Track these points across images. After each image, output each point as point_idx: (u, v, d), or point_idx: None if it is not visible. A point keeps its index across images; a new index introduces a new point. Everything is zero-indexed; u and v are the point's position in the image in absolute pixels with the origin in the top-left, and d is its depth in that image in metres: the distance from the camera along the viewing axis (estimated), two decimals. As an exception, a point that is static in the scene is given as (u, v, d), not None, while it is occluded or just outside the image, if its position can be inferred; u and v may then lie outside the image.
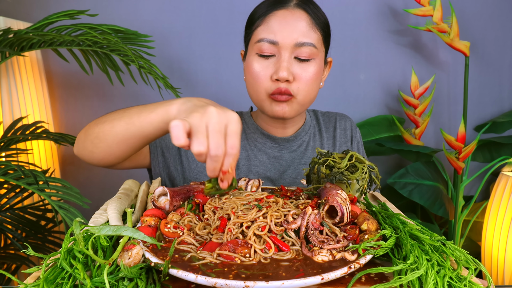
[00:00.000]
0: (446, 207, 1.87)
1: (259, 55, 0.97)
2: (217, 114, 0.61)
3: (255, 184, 0.82)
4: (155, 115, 0.74)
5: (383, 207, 0.75)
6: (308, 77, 0.97)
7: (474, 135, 2.19)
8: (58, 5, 1.96)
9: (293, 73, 0.96)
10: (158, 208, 0.70)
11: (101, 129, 0.82)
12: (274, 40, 0.95)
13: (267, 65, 0.97)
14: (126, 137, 0.79)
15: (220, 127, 0.61)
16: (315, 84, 1.01)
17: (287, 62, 0.95)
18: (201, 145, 0.60)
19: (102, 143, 0.82)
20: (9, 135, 1.58)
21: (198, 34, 2.06)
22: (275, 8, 0.97)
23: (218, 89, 2.11)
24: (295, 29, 0.95)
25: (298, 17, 0.96)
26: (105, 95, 2.07)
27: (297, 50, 0.95)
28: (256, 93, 1.00)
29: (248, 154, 1.11)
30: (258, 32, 0.98)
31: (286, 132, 1.13)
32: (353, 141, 1.20)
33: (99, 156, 0.85)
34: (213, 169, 0.63)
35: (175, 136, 0.59)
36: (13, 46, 1.52)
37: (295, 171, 1.12)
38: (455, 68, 2.15)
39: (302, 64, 0.97)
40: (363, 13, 2.09)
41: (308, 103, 1.03)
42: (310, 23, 0.96)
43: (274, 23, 0.95)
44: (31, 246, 1.53)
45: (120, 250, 0.53)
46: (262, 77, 0.97)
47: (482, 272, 0.65)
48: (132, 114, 0.78)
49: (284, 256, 0.57)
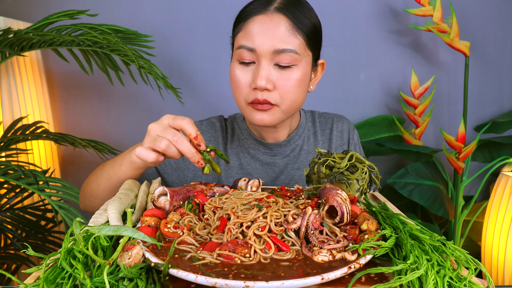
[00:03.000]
0: (446, 207, 1.87)
1: (239, 62, 0.95)
2: (156, 123, 0.78)
3: (255, 184, 0.82)
4: (124, 166, 0.87)
5: (383, 207, 0.75)
6: (290, 85, 0.92)
7: (474, 135, 2.19)
8: (58, 5, 1.96)
9: (273, 81, 0.91)
10: (158, 208, 0.70)
11: (91, 189, 0.96)
12: (251, 47, 0.91)
13: (247, 72, 0.94)
14: (111, 189, 0.91)
15: (171, 128, 0.77)
16: (299, 91, 0.95)
17: (265, 70, 0.90)
18: (162, 143, 0.75)
19: (97, 199, 0.95)
20: (9, 135, 1.58)
21: (198, 34, 2.06)
22: (254, 13, 0.93)
23: (218, 89, 2.11)
24: (273, 36, 0.89)
25: (277, 22, 0.90)
26: (105, 95, 2.07)
27: (277, 57, 0.90)
28: (237, 101, 0.99)
29: (241, 162, 1.10)
30: (238, 38, 0.95)
31: (278, 136, 1.10)
32: (350, 143, 1.17)
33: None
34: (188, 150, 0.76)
35: (144, 158, 0.77)
36: (13, 46, 1.52)
37: (288, 177, 1.10)
38: (455, 68, 2.15)
39: (283, 71, 0.92)
40: (363, 13, 2.09)
41: (294, 110, 0.99)
42: (290, 28, 0.90)
43: (252, 29, 0.91)
44: (31, 246, 1.53)
45: (120, 250, 0.53)
46: (242, 85, 0.94)
47: (482, 272, 0.65)
48: (108, 170, 0.91)
49: (284, 256, 0.57)
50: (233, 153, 1.11)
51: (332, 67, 2.10)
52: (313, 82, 1.03)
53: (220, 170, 0.82)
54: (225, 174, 1.10)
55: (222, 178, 1.10)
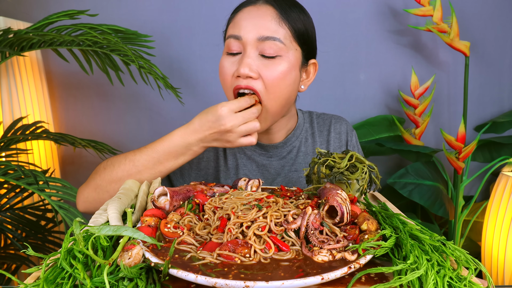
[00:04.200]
0: (446, 207, 1.87)
1: (227, 53, 0.95)
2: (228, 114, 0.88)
3: (255, 184, 0.82)
4: (182, 161, 0.92)
5: (383, 207, 0.75)
6: (274, 75, 0.91)
7: (474, 135, 2.19)
8: (58, 5, 1.96)
9: (257, 69, 0.91)
10: (158, 208, 0.70)
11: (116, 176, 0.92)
12: (238, 35, 0.92)
13: (233, 62, 0.94)
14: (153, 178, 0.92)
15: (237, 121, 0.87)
16: (284, 85, 0.93)
17: (250, 58, 0.90)
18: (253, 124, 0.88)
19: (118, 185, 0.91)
20: (9, 135, 1.58)
21: (198, 34, 2.06)
22: (243, 6, 0.97)
23: (218, 89, 2.09)
24: (259, 24, 0.91)
25: (263, 11, 0.92)
26: (105, 95, 2.07)
27: (261, 45, 0.90)
28: (226, 93, 0.98)
29: (238, 163, 1.10)
30: (227, 30, 0.98)
31: (274, 138, 1.08)
32: (348, 145, 1.16)
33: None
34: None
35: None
36: (13, 46, 1.52)
37: (286, 179, 1.09)
38: (455, 68, 2.14)
39: (267, 61, 0.91)
40: (363, 13, 2.09)
41: (281, 107, 0.96)
42: (276, 18, 0.92)
43: (240, 19, 0.94)
44: (31, 246, 1.53)
45: (120, 250, 0.53)
46: (227, 75, 0.94)
47: (482, 272, 0.65)
48: (157, 165, 0.91)
49: (284, 256, 0.57)
50: (231, 153, 1.11)
51: (332, 67, 2.10)
52: (304, 82, 1.02)
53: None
54: (223, 175, 1.10)
55: (221, 179, 1.10)
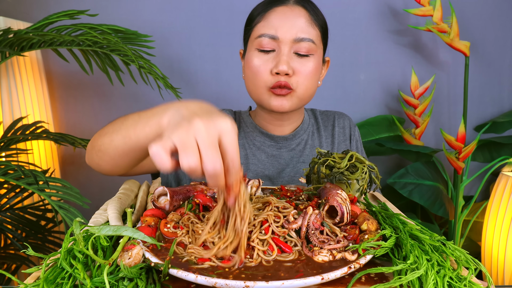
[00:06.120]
0: (446, 207, 1.87)
1: (259, 50, 1.00)
2: (205, 126, 0.51)
3: (255, 184, 0.82)
4: (149, 128, 0.67)
5: (383, 207, 0.75)
6: (307, 71, 0.99)
7: (474, 135, 2.19)
8: (58, 5, 1.96)
9: (292, 67, 0.98)
10: (158, 208, 0.70)
11: (102, 142, 0.79)
12: (274, 35, 0.97)
13: (267, 60, 0.99)
14: (126, 150, 0.75)
15: (212, 140, 0.51)
16: (314, 80, 1.02)
17: (287, 56, 0.97)
18: (190, 159, 0.50)
19: (106, 156, 0.80)
20: (9, 135, 1.58)
21: (198, 34, 2.06)
22: (275, 5, 1.00)
23: (218, 89, 2.11)
24: (295, 25, 0.97)
25: (298, 13, 0.99)
26: (105, 95, 2.07)
27: (296, 45, 0.98)
28: (256, 87, 1.02)
29: (247, 153, 1.12)
30: (258, 28, 1.01)
31: (284, 130, 1.14)
32: (351, 139, 1.21)
33: (106, 168, 0.84)
34: (215, 186, 0.54)
35: (158, 164, 0.51)
36: (13, 46, 1.52)
37: (294, 170, 1.12)
38: (455, 68, 2.14)
39: (301, 59, 0.99)
40: (363, 13, 2.09)
41: (307, 98, 1.05)
42: (309, 19, 0.99)
43: (274, 19, 0.98)
44: (31, 246, 1.53)
45: (120, 250, 0.53)
46: (262, 71, 0.99)
47: (482, 272, 0.65)
48: (128, 126, 0.73)
49: (287, 258, 0.57)
50: (239, 144, 1.13)
51: (332, 67, 2.10)
52: (320, 77, 1.09)
53: None
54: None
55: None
